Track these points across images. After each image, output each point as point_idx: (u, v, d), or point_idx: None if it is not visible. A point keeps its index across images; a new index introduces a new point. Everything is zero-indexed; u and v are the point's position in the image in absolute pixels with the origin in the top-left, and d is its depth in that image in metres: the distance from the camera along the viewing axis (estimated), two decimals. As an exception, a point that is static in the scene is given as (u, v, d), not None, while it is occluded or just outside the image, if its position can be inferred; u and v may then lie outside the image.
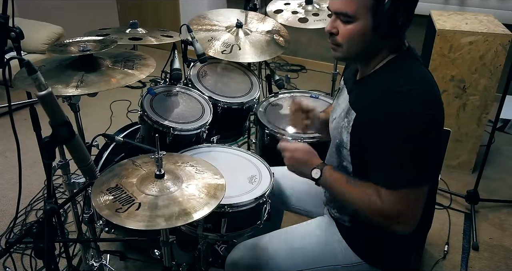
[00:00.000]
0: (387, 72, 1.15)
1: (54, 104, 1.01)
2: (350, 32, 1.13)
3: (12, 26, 1.32)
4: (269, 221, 1.57)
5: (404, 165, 1.08)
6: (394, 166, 1.09)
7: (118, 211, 1.10)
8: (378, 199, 1.11)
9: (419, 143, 1.07)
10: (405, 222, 1.11)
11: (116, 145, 1.93)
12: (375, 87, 1.15)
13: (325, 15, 2.23)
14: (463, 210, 2.48)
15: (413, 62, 1.17)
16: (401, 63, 1.15)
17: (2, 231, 2.25)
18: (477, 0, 3.51)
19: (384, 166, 1.11)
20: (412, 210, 1.11)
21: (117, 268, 2.01)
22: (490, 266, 2.10)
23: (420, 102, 1.05)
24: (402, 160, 1.08)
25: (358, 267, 1.32)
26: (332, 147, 1.30)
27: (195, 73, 2.03)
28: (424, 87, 1.09)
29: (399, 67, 1.14)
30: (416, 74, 1.13)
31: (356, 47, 1.15)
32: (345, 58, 1.22)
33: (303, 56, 4.58)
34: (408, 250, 1.35)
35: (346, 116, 1.21)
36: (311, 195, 1.55)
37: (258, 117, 1.98)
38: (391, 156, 1.09)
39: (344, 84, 1.35)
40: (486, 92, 2.56)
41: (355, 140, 1.18)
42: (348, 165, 1.25)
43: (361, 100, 1.18)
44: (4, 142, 3.07)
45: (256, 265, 1.36)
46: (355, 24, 1.11)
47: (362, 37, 1.12)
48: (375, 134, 1.10)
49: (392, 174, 1.10)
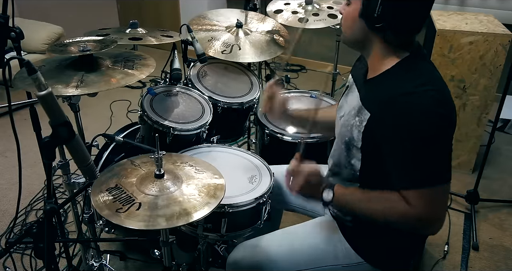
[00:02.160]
0: (401, 72, 1.14)
1: (54, 104, 1.01)
2: (345, 14, 1.18)
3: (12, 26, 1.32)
4: (269, 221, 1.57)
5: (426, 164, 1.08)
6: (416, 166, 1.09)
7: (118, 211, 1.10)
8: (406, 204, 1.10)
9: (438, 142, 1.07)
10: (436, 222, 1.12)
11: (116, 145, 1.93)
12: (390, 86, 1.14)
13: (325, 15, 2.22)
14: (463, 210, 2.47)
15: (425, 63, 1.17)
16: (415, 63, 1.15)
17: (2, 231, 2.25)
18: (477, 0, 3.51)
19: (406, 167, 1.11)
20: (440, 209, 1.12)
21: (117, 268, 2.01)
22: (490, 266, 2.10)
23: (436, 102, 1.06)
24: (423, 160, 1.08)
25: (359, 267, 1.32)
26: (341, 144, 1.28)
27: (195, 73, 2.03)
28: (439, 88, 1.10)
29: (414, 67, 1.14)
30: (430, 75, 1.13)
31: (348, 31, 1.19)
32: (344, 42, 1.25)
33: (303, 56, 4.58)
34: (409, 250, 1.35)
35: (357, 115, 1.19)
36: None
37: (258, 117, 1.98)
38: (412, 156, 1.09)
39: (354, 82, 1.33)
40: (486, 92, 2.56)
41: (367, 139, 1.17)
42: (356, 163, 1.24)
43: (375, 100, 1.16)
44: (4, 142, 3.07)
45: (257, 265, 1.36)
46: (350, 7, 1.15)
47: (352, 21, 1.16)
48: (392, 135, 1.10)
49: (415, 174, 1.10)
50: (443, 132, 1.08)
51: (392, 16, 1.08)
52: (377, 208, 1.16)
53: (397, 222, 1.14)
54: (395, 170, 1.13)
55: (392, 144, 1.11)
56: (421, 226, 1.13)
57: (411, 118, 1.06)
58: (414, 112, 1.06)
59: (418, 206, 1.09)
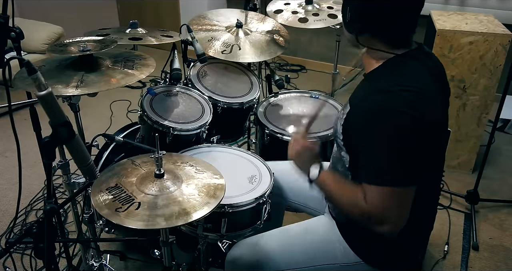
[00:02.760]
0: (385, 71, 1.16)
1: (54, 104, 1.01)
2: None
3: (12, 26, 1.32)
4: (269, 221, 1.57)
5: (388, 162, 1.08)
6: (377, 162, 1.10)
7: (118, 210, 1.10)
8: (363, 199, 1.12)
9: (403, 142, 1.06)
10: (389, 223, 1.11)
11: (116, 145, 1.93)
12: (372, 84, 1.18)
13: (325, 15, 2.23)
14: (463, 210, 2.47)
15: (415, 63, 1.16)
16: (403, 63, 1.15)
17: (2, 231, 2.25)
18: (477, 0, 3.51)
19: (369, 162, 1.12)
20: (396, 211, 1.11)
21: (117, 268, 2.01)
22: (490, 266, 2.10)
23: (408, 103, 1.06)
24: (386, 157, 1.08)
25: (357, 267, 1.32)
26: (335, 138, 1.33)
27: (195, 73, 2.03)
28: (417, 89, 1.09)
29: (398, 67, 1.15)
30: (414, 76, 1.13)
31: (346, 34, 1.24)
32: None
33: (303, 56, 4.58)
34: (408, 251, 1.35)
35: (343, 109, 1.24)
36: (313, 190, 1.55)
37: (258, 117, 1.98)
38: (375, 152, 1.10)
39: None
40: (486, 92, 2.56)
41: (346, 132, 1.21)
42: (345, 156, 1.26)
43: (357, 95, 1.22)
44: (4, 142, 3.07)
45: (256, 263, 1.36)
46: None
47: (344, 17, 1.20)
48: (362, 129, 1.12)
49: (375, 170, 1.10)
50: (411, 134, 1.06)
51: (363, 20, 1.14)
52: (343, 200, 1.20)
53: (356, 217, 1.17)
54: (362, 162, 1.15)
55: (362, 138, 1.13)
56: (372, 224, 1.13)
57: (380, 116, 1.07)
58: (384, 111, 1.07)
59: (370, 202, 1.10)
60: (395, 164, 1.08)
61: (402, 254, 1.33)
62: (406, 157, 1.08)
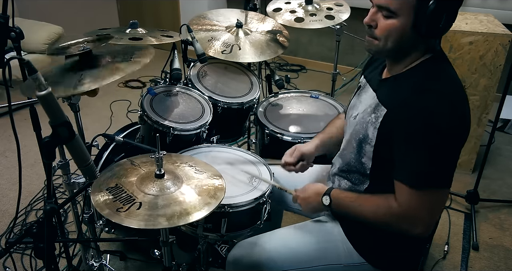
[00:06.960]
0: (422, 72, 1.15)
1: (54, 104, 1.01)
2: (390, 27, 1.12)
3: (12, 26, 1.32)
4: (269, 221, 1.57)
5: (430, 163, 1.08)
6: (421, 164, 1.09)
7: (119, 210, 1.10)
8: (396, 203, 1.12)
9: (446, 143, 1.08)
10: (423, 225, 1.12)
11: (116, 145, 1.93)
12: (410, 85, 1.15)
13: (322, 16, 2.22)
14: (463, 210, 2.47)
15: (447, 64, 1.18)
16: (437, 64, 1.16)
17: (2, 231, 2.25)
18: (477, 0, 3.51)
19: (410, 163, 1.11)
20: (432, 213, 1.12)
21: (117, 268, 2.01)
22: (490, 266, 2.10)
23: (451, 102, 1.07)
24: (428, 158, 1.08)
25: (361, 267, 1.32)
26: (353, 143, 1.28)
27: (195, 73, 2.03)
28: (456, 89, 1.11)
29: (435, 68, 1.15)
30: (450, 77, 1.14)
31: (393, 42, 1.14)
32: (378, 52, 1.21)
33: (303, 56, 4.58)
34: (411, 252, 1.35)
35: (373, 112, 1.20)
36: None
37: (258, 117, 1.98)
38: (417, 153, 1.09)
39: (367, 82, 1.34)
40: (486, 92, 2.56)
41: (382, 135, 1.18)
42: (367, 162, 1.24)
43: (394, 97, 1.17)
44: (4, 142, 3.06)
45: (257, 264, 1.36)
46: (396, 20, 1.11)
47: (400, 33, 1.12)
48: (405, 130, 1.11)
49: (417, 172, 1.10)
50: (452, 130, 1.08)
51: (446, 21, 1.10)
52: (366, 208, 1.21)
53: (384, 220, 1.17)
54: (398, 161, 1.14)
55: (401, 140, 1.12)
56: (405, 227, 1.14)
57: (423, 114, 1.07)
58: (427, 109, 1.06)
59: (404, 203, 1.11)
60: (439, 166, 1.08)
61: (405, 255, 1.33)
62: (447, 157, 1.09)
